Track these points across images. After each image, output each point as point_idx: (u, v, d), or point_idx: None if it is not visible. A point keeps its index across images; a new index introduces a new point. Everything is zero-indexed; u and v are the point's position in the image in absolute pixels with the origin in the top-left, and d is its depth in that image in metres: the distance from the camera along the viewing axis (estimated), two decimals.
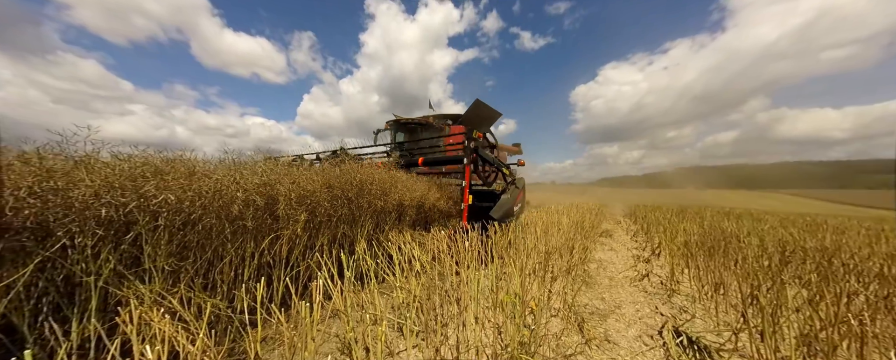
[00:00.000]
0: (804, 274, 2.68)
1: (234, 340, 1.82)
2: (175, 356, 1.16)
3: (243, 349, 1.75)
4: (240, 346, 1.78)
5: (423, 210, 3.94)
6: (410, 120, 8.08)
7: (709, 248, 3.14)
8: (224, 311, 1.82)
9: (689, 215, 7.74)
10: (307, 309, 1.25)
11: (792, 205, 29.37)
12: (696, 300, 2.61)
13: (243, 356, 1.73)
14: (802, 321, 1.59)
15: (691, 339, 1.91)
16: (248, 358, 1.60)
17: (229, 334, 1.83)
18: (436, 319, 1.78)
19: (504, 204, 4.04)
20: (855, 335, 1.29)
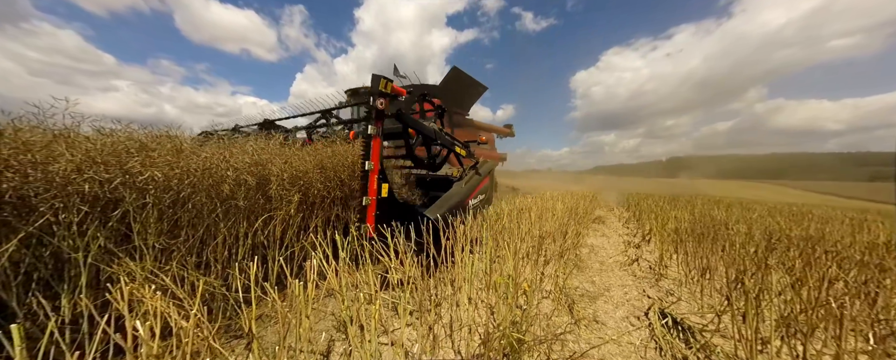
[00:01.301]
0: (787, 261, 2.76)
1: (230, 318, 1.85)
2: (168, 332, 1.16)
3: (239, 326, 1.77)
4: (235, 323, 1.81)
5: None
6: (367, 90, 7.58)
7: (698, 234, 3.21)
8: (219, 289, 1.83)
9: (681, 203, 7.88)
10: (301, 287, 1.25)
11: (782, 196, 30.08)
12: (682, 284, 2.70)
13: (239, 333, 1.76)
14: (784, 304, 1.65)
15: (676, 320, 1.98)
16: (244, 335, 1.62)
17: (225, 311, 1.85)
18: (429, 299, 1.81)
19: (450, 198, 2.89)
20: (834, 317, 1.34)
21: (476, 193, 3.23)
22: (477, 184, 3.25)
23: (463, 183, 3.19)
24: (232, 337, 1.73)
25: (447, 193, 3.00)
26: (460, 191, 3.07)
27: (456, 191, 3.06)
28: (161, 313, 1.09)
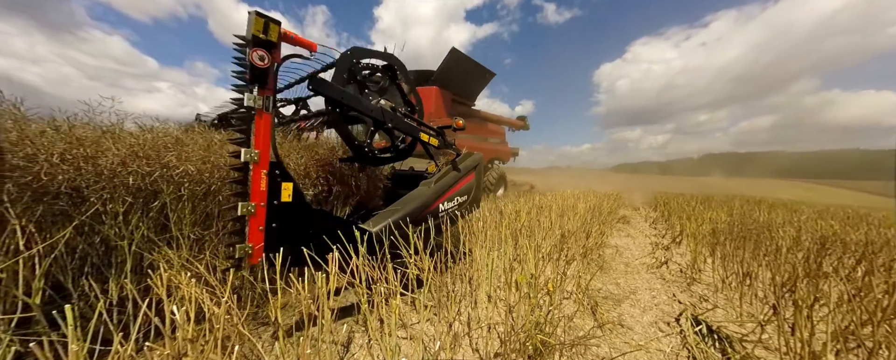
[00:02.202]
0: (842, 269, 2.49)
1: (258, 305, 1.93)
2: (202, 317, 1.23)
3: (266, 314, 1.85)
4: (263, 311, 1.89)
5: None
6: None
7: (737, 237, 2.97)
8: (248, 277, 1.92)
9: (716, 203, 7.35)
10: (324, 280, 1.27)
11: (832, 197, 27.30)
12: (718, 290, 2.51)
13: (265, 321, 1.83)
14: (841, 316, 1.48)
15: (711, 328, 1.85)
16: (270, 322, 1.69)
17: (253, 300, 1.93)
18: (447, 295, 1.79)
19: (406, 204, 2.19)
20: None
21: (451, 194, 2.46)
22: (452, 183, 2.47)
23: (432, 183, 2.36)
24: (259, 324, 1.81)
25: (404, 196, 2.26)
26: (422, 194, 2.25)
27: (416, 194, 2.25)
28: (195, 299, 1.15)
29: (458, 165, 2.62)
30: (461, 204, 2.62)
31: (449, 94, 7.54)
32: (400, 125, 2.40)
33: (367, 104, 2.19)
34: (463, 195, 2.62)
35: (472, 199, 2.76)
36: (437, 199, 2.35)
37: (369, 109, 2.16)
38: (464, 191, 2.63)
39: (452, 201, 2.50)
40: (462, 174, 2.58)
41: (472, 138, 8.42)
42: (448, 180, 2.48)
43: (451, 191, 2.48)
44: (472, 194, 2.75)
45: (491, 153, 9.21)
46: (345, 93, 1.97)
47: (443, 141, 2.77)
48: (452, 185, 2.49)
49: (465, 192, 2.65)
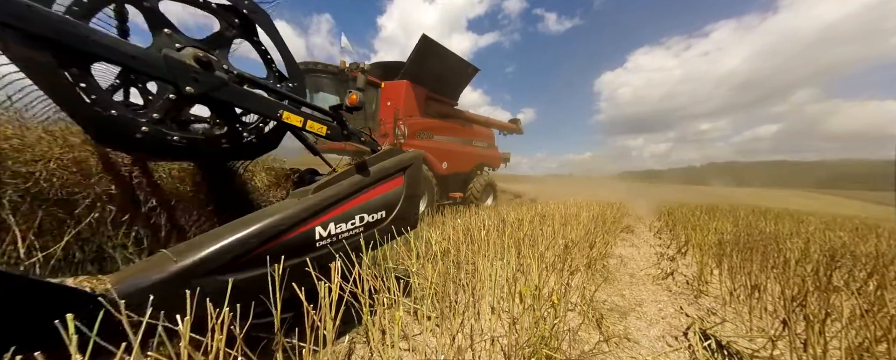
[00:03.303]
0: (853, 282, 2.44)
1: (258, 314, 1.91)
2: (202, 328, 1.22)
3: None
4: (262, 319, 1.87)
5: None
6: (312, 66, 5.01)
7: (744, 248, 2.93)
8: None
9: (720, 213, 7.28)
10: (326, 290, 1.26)
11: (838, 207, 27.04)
12: (726, 303, 2.46)
13: None
14: (855, 332, 1.44)
15: (721, 343, 1.80)
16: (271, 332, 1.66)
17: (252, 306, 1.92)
18: (451, 306, 1.77)
19: (233, 231, 1.18)
20: None
21: (346, 209, 1.55)
22: (350, 193, 1.56)
23: (309, 191, 1.48)
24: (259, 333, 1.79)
25: (236, 221, 1.27)
26: (276, 212, 1.31)
27: (264, 213, 1.31)
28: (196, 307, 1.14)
29: (370, 165, 1.68)
30: (373, 225, 1.67)
31: (423, 90, 6.56)
32: (229, 95, 1.41)
33: (133, 48, 1.17)
34: (375, 211, 1.67)
35: (399, 216, 1.79)
36: (312, 219, 1.39)
37: (125, 54, 1.14)
38: (376, 205, 1.67)
39: (348, 220, 1.54)
40: (373, 179, 1.64)
41: (456, 141, 7.53)
42: (341, 188, 1.51)
43: (347, 205, 1.54)
44: (396, 210, 1.77)
45: (477, 158, 8.40)
46: (66, 21, 1.01)
47: (339, 129, 1.86)
48: (350, 195, 1.55)
49: (380, 206, 1.70)
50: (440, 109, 7.22)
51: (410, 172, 1.86)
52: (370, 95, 5.69)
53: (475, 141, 8.44)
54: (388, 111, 5.65)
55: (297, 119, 1.68)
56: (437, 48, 6.33)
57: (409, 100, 6.20)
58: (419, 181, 1.94)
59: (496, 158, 9.54)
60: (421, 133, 6.34)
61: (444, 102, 7.42)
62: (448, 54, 6.62)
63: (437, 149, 6.63)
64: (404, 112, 5.94)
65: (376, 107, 5.93)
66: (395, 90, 6.09)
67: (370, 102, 5.74)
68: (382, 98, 5.92)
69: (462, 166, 7.66)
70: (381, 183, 1.73)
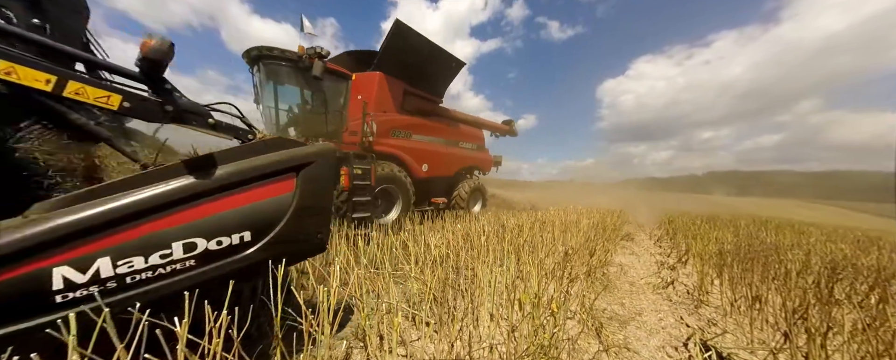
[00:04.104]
0: (854, 296, 2.42)
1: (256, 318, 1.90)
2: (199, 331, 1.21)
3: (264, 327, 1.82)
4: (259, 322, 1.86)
5: None
6: (266, 52, 4.07)
7: (745, 258, 2.91)
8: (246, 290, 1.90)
9: (721, 222, 7.25)
10: (325, 294, 1.26)
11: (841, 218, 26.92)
12: (727, 314, 2.43)
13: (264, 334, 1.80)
14: (856, 346, 1.43)
15: (722, 355, 1.78)
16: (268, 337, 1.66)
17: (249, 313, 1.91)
18: (449, 312, 1.76)
19: None
20: None
21: (146, 234, 0.97)
22: (148, 210, 0.98)
23: (42, 210, 0.90)
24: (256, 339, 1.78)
25: None
26: None
27: None
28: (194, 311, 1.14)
29: (221, 161, 1.15)
30: (222, 256, 1.13)
31: (400, 83, 5.90)
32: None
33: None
34: (227, 233, 1.13)
35: (284, 238, 1.25)
36: (50, 252, 0.85)
37: None
38: (231, 223, 1.14)
39: (154, 252, 0.99)
40: (224, 183, 1.12)
41: (439, 142, 6.81)
42: (136, 199, 0.97)
43: (150, 226, 0.99)
44: (277, 229, 1.24)
45: (464, 161, 7.65)
46: None
47: (158, 105, 1.29)
48: (157, 211, 1.00)
49: (239, 224, 1.16)
50: (421, 105, 6.43)
51: (310, 173, 1.30)
52: (337, 87, 4.88)
53: (462, 142, 7.71)
54: (360, 106, 4.92)
55: (35, 77, 1.00)
56: (413, 36, 5.52)
57: (382, 93, 5.58)
58: (328, 188, 1.40)
59: (486, 162, 8.76)
60: (396, 131, 5.76)
61: (425, 98, 6.60)
62: (427, 44, 5.85)
63: (415, 149, 6.07)
64: (376, 107, 5.35)
65: (345, 101, 5.03)
66: (367, 83, 5.45)
67: (337, 96, 4.90)
68: (353, 91, 5.11)
69: (446, 169, 7.05)
70: (245, 189, 1.14)
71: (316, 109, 4.76)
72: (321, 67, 3.96)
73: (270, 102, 4.63)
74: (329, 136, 4.76)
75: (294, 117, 4.85)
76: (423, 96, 6.57)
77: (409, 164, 5.87)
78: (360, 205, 4.35)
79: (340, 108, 4.99)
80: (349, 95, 5.08)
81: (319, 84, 4.51)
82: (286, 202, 1.26)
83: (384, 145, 5.39)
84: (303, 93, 4.68)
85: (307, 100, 4.75)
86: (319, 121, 4.77)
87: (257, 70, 4.46)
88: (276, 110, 4.66)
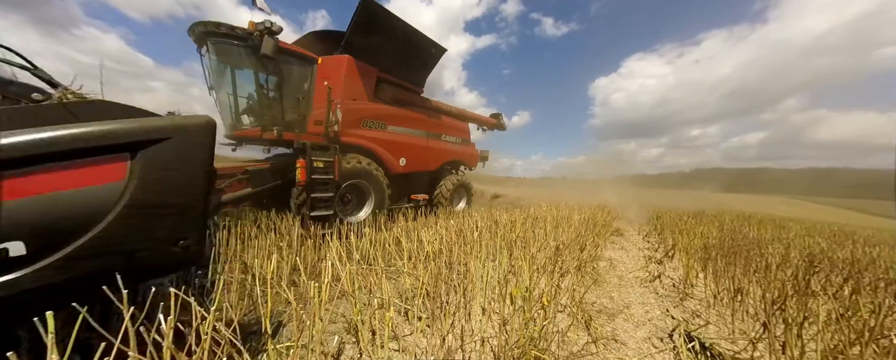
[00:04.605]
0: (829, 287, 2.53)
1: (246, 313, 1.88)
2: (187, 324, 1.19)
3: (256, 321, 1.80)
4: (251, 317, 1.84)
5: None
6: (213, 29, 3.60)
7: (728, 252, 3.01)
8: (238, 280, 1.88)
9: (707, 218, 7.47)
10: (317, 289, 1.25)
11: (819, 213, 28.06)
12: (710, 306, 2.52)
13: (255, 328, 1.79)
14: (830, 335, 1.50)
15: (704, 345, 1.85)
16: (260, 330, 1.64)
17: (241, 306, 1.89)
18: (442, 307, 1.77)
19: None
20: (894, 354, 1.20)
21: None
22: None
23: None
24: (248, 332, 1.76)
25: None
26: None
27: None
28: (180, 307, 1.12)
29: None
30: None
31: (372, 69, 5.38)
32: None
33: None
34: None
35: (108, 247, 0.95)
36: None
37: None
38: None
39: None
40: None
41: (419, 134, 6.28)
42: None
43: None
44: (93, 233, 0.92)
45: (447, 155, 7.16)
46: None
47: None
48: None
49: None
50: (398, 94, 5.93)
51: (158, 155, 1.00)
52: (300, 71, 4.41)
53: (445, 135, 7.16)
54: (326, 93, 4.37)
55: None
56: (385, 17, 4.97)
57: (351, 79, 5.01)
58: (193, 177, 1.07)
59: (472, 156, 8.23)
60: (368, 121, 5.27)
61: (403, 86, 6.12)
62: (402, 26, 5.25)
63: (391, 142, 5.62)
64: (344, 93, 4.82)
65: (310, 87, 4.52)
66: (334, 67, 4.86)
67: (300, 81, 4.42)
68: (318, 76, 4.54)
69: (427, 164, 6.55)
70: (17, 174, 0.82)
71: (276, 96, 4.27)
72: (272, 44, 3.49)
73: (223, 87, 4.18)
74: (289, 126, 4.26)
75: (250, 106, 4.37)
76: (400, 85, 6.08)
77: (384, 157, 5.44)
78: (320, 202, 3.95)
79: (304, 95, 4.45)
80: (314, 81, 4.53)
81: (278, 67, 4.10)
82: (108, 196, 0.90)
83: (354, 137, 4.98)
84: (258, 77, 4.15)
85: (264, 85, 4.24)
86: (280, 109, 4.27)
87: (206, 51, 3.93)
88: (234, 98, 4.19)
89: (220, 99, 4.29)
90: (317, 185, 3.91)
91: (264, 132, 4.15)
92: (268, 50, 3.49)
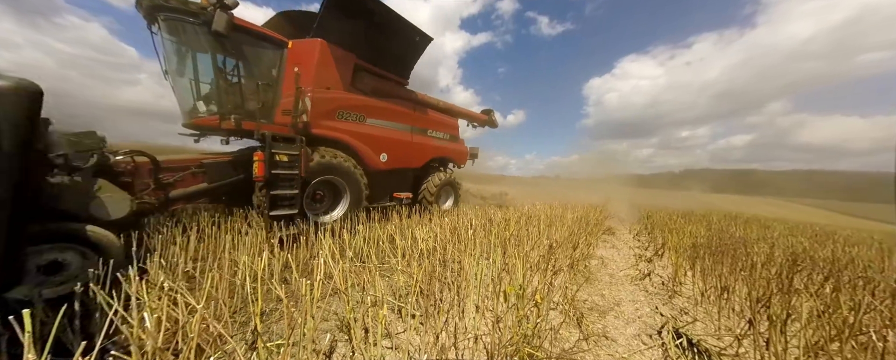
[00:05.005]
0: (811, 285, 2.62)
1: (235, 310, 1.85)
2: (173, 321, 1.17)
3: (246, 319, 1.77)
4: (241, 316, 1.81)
5: None
6: (162, 2, 3.30)
7: (716, 251, 3.08)
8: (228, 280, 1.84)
9: (695, 218, 7.64)
10: (308, 287, 1.24)
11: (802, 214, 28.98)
12: (698, 303, 2.58)
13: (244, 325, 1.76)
14: (813, 331, 1.55)
15: (692, 341, 1.89)
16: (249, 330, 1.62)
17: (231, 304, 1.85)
18: (435, 305, 1.77)
19: None
20: (872, 349, 1.24)
21: None
22: None
23: None
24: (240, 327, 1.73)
25: None
26: None
27: None
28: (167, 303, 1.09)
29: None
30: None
31: (349, 56, 5.00)
32: None
33: None
34: None
35: None
36: None
37: None
38: None
39: None
40: None
41: (402, 128, 6.01)
42: None
43: None
44: None
45: (433, 151, 6.83)
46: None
47: None
48: None
49: None
50: (379, 85, 5.57)
51: None
52: (268, 56, 4.07)
53: (432, 131, 6.81)
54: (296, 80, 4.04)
55: None
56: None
57: (325, 66, 4.59)
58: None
59: (461, 154, 7.83)
60: (344, 112, 4.87)
61: (385, 77, 5.74)
62: (382, 9, 4.87)
63: (371, 136, 5.28)
64: (316, 81, 4.45)
65: (279, 73, 4.16)
66: (306, 51, 4.47)
67: (268, 67, 4.10)
68: (289, 62, 4.19)
69: (411, 160, 6.21)
70: None
71: (239, 82, 3.84)
72: (225, 20, 3.18)
73: (179, 71, 3.73)
74: (252, 115, 3.87)
75: (209, 92, 3.83)
76: (382, 75, 5.67)
77: (363, 152, 5.10)
78: (283, 200, 3.60)
79: (272, 81, 4.06)
80: (284, 67, 4.13)
81: (241, 49, 3.72)
82: None
83: (327, 129, 4.57)
84: (216, 60, 3.67)
85: (224, 69, 3.73)
86: (242, 97, 3.84)
87: (157, 28, 3.51)
88: (194, 83, 3.72)
89: (178, 84, 3.82)
90: (279, 181, 3.59)
91: (223, 121, 3.71)
92: (220, 26, 3.14)
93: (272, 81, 4.09)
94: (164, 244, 2.24)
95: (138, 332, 0.96)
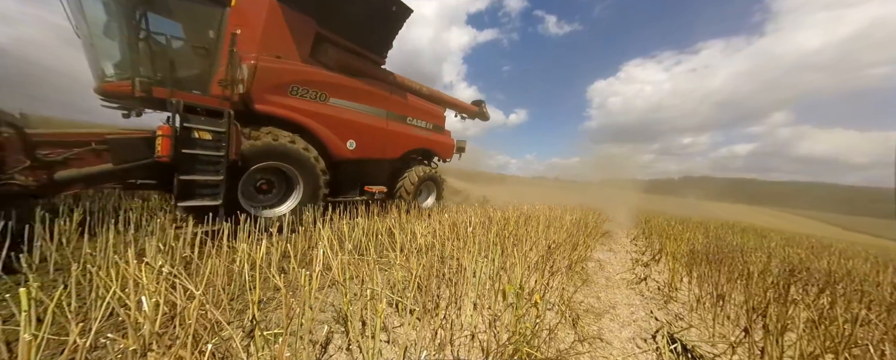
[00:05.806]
0: (807, 296, 2.63)
1: (232, 298, 1.85)
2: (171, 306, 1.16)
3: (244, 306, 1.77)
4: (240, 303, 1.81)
5: None
6: None
7: (713, 259, 3.09)
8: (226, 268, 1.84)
9: (693, 224, 7.66)
10: (307, 278, 1.23)
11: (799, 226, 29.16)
12: (693, 310, 2.59)
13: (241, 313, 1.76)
14: (807, 341, 1.55)
15: (686, 347, 1.90)
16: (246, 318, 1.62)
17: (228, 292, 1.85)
18: (433, 300, 1.77)
19: None
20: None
21: None
22: None
23: None
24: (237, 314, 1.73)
25: None
26: None
27: None
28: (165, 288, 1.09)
29: None
30: None
31: (309, 21, 4.27)
32: None
33: None
34: None
35: None
36: None
37: None
38: None
39: None
40: None
41: (375, 113, 5.24)
42: None
43: None
44: None
45: (414, 142, 6.07)
46: None
47: None
48: None
49: None
50: (348, 60, 4.81)
51: None
52: (204, 15, 3.36)
53: (412, 118, 5.98)
54: (240, 46, 3.34)
55: None
56: None
57: (274, 29, 3.87)
58: None
59: (446, 146, 6.97)
60: (298, 88, 4.05)
61: (356, 52, 4.98)
62: None
63: (335, 118, 4.49)
64: (263, 47, 3.74)
65: (219, 37, 3.43)
66: (252, 11, 3.76)
67: (203, 28, 3.42)
68: (230, 24, 3.43)
69: (386, 150, 5.49)
70: None
71: (164, 44, 3.24)
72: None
73: (95, 31, 3.07)
74: (181, 85, 3.24)
75: (131, 58, 3.07)
76: (352, 49, 4.90)
77: (324, 136, 4.34)
78: (198, 188, 2.91)
79: (209, 45, 3.37)
80: (225, 30, 3.40)
81: (166, 4, 3.11)
82: None
83: (274, 105, 3.81)
84: (133, 15, 2.96)
85: (147, 29, 3.01)
86: (173, 63, 3.22)
87: None
88: (130, 48, 3.01)
89: (89, 42, 3.13)
90: (198, 163, 2.90)
91: (135, 88, 2.99)
92: None
93: (209, 45, 3.37)
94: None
95: (136, 315, 0.95)
